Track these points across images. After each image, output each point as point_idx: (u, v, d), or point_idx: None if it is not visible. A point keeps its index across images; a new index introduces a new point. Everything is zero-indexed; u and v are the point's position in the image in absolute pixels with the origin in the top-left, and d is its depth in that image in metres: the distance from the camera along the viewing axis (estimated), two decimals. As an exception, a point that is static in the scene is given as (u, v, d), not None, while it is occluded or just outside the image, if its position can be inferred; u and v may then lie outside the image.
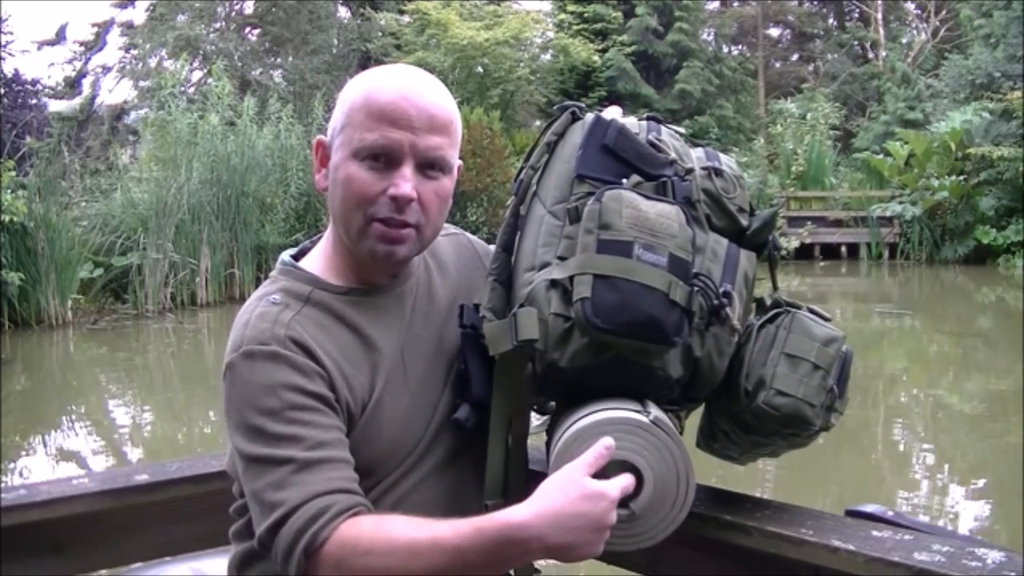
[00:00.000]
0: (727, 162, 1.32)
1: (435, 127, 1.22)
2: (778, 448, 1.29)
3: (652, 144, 1.26)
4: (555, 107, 1.34)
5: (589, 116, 1.28)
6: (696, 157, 1.30)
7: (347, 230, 1.24)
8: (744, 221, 1.29)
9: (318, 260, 1.31)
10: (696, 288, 1.18)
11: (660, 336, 1.15)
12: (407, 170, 1.21)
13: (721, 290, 1.21)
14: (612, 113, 1.30)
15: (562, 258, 1.19)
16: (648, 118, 1.32)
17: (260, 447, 1.14)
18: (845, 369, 1.24)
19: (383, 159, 1.21)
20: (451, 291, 1.35)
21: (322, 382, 1.17)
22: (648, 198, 1.19)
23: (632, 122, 1.30)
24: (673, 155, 1.26)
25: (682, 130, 1.34)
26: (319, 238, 1.35)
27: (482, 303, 1.25)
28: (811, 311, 1.27)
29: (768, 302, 1.29)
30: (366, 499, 1.15)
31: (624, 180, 1.22)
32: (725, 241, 1.26)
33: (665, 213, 1.18)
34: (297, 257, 1.34)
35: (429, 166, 1.22)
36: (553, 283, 1.18)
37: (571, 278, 1.16)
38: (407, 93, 1.22)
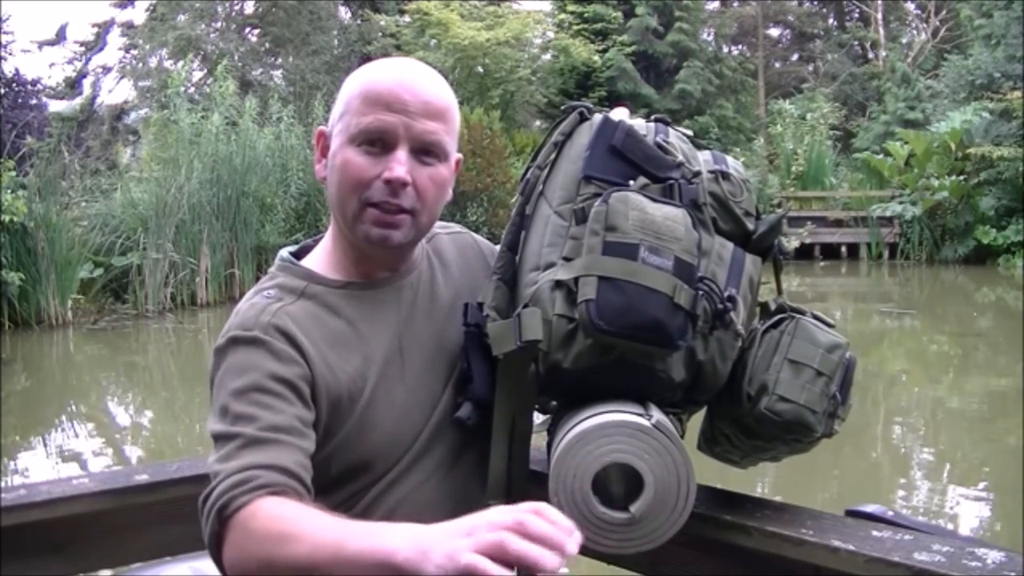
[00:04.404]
0: (734, 165, 1.31)
1: (430, 112, 1.23)
2: (779, 453, 1.29)
3: (660, 146, 1.26)
4: (563, 107, 1.33)
5: (597, 117, 1.28)
6: (703, 160, 1.30)
7: (343, 215, 1.25)
8: (750, 225, 1.29)
9: (318, 256, 1.32)
10: (701, 292, 1.18)
11: (664, 339, 1.14)
12: (401, 154, 1.21)
13: (726, 294, 1.21)
14: (620, 114, 1.30)
15: (567, 259, 1.19)
16: (656, 120, 1.32)
17: (220, 424, 1.13)
18: (848, 376, 1.23)
19: (379, 144, 1.21)
20: (454, 289, 1.35)
21: (298, 368, 1.17)
22: (655, 201, 1.19)
23: (640, 124, 1.29)
24: (680, 158, 1.26)
25: (689, 132, 1.34)
26: (321, 236, 1.35)
27: (486, 302, 1.25)
28: (815, 317, 1.27)
29: (772, 307, 1.29)
30: (306, 485, 1.09)
31: (631, 182, 1.21)
32: (731, 245, 1.26)
33: (671, 216, 1.18)
34: (299, 255, 1.34)
35: (424, 151, 1.23)
36: (558, 284, 1.18)
37: (576, 279, 1.16)
38: (403, 80, 1.23)
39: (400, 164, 1.21)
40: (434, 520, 1.24)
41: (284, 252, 1.34)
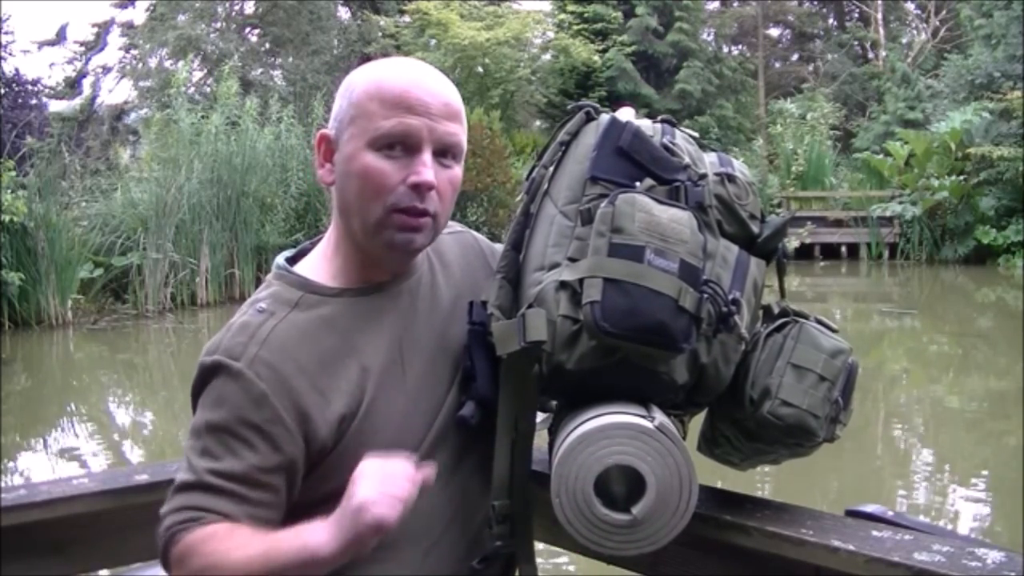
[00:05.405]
0: (740, 168, 1.31)
1: (450, 114, 1.22)
2: (780, 456, 1.29)
3: (666, 148, 1.25)
4: (569, 106, 1.32)
5: (604, 117, 1.27)
6: (710, 162, 1.29)
7: (363, 223, 1.21)
8: (755, 228, 1.29)
9: (315, 262, 1.29)
10: (705, 295, 1.17)
11: (668, 342, 1.14)
12: (427, 156, 1.19)
13: (730, 297, 1.20)
14: (626, 114, 1.29)
15: (572, 259, 1.19)
16: (662, 121, 1.31)
17: (189, 446, 1.17)
18: (850, 381, 1.23)
19: (400, 147, 1.19)
20: (455, 290, 1.34)
21: (269, 412, 1.15)
22: (661, 203, 1.18)
23: (647, 124, 1.29)
24: (687, 159, 1.25)
25: (695, 134, 1.33)
26: (319, 239, 1.33)
27: (490, 300, 1.24)
28: (818, 321, 1.27)
29: (776, 310, 1.28)
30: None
31: (637, 183, 1.21)
32: (736, 248, 1.26)
33: (677, 219, 1.17)
34: (295, 258, 1.32)
35: (444, 153, 1.22)
36: (563, 284, 1.17)
37: (581, 280, 1.15)
38: (419, 81, 1.22)
39: (427, 167, 1.19)
40: (436, 526, 1.24)
41: (280, 259, 1.31)
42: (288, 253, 1.34)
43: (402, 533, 1.20)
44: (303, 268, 1.29)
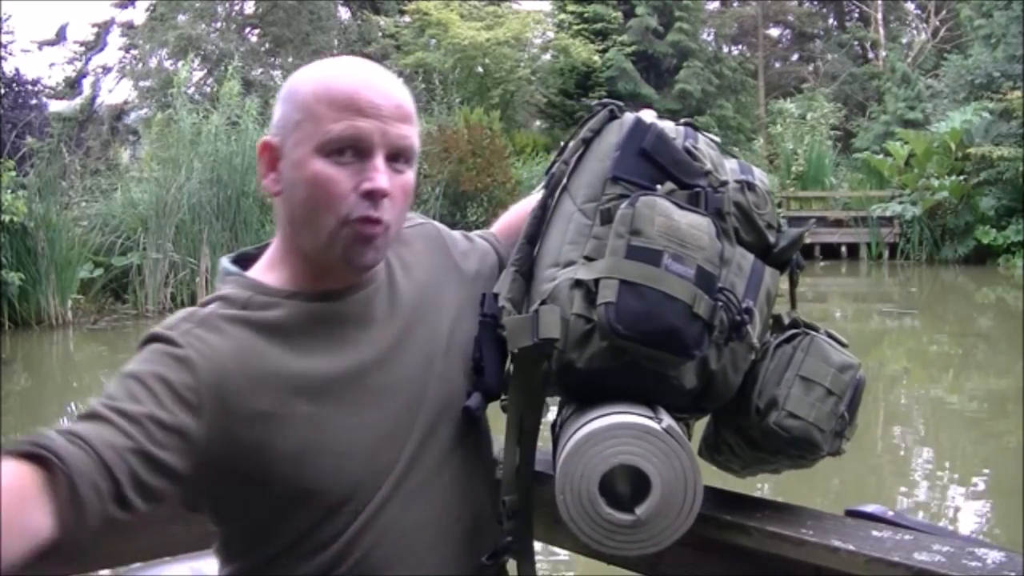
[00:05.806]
0: (760, 176, 1.30)
1: (403, 116, 1.15)
2: (781, 466, 1.29)
3: (688, 152, 1.25)
4: (594, 103, 1.32)
5: (628, 116, 1.27)
6: (731, 169, 1.29)
7: (314, 234, 1.13)
8: (772, 238, 1.29)
9: (260, 272, 1.22)
10: (719, 302, 1.17)
11: (680, 348, 1.14)
12: (379, 162, 1.12)
13: (743, 306, 1.20)
14: (649, 116, 1.29)
15: (589, 258, 1.18)
16: (685, 124, 1.31)
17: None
18: (857, 396, 1.23)
19: (350, 152, 1.11)
20: (417, 291, 1.27)
21: (189, 378, 1.06)
22: (681, 207, 1.17)
23: (670, 127, 1.28)
24: (708, 165, 1.25)
25: (717, 138, 1.33)
26: (264, 246, 1.26)
27: (502, 293, 1.23)
28: (829, 335, 1.27)
29: (786, 321, 1.29)
30: (103, 461, 0.97)
31: (658, 186, 1.20)
32: (751, 256, 1.25)
33: (696, 225, 1.17)
34: (244, 264, 1.25)
35: (397, 158, 1.15)
36: (578, 283, 1.16)
37: (596, 281, 1.15)
38: (369, 82, 1.14)
39: (380, 173, 1.11)
40: (435, 535, 1.20)
41: (227, 263, 1.23)
42: (233, 255, 1.27)
43: (396, 546, 1.18)
44: (253, 274, 1.22)
